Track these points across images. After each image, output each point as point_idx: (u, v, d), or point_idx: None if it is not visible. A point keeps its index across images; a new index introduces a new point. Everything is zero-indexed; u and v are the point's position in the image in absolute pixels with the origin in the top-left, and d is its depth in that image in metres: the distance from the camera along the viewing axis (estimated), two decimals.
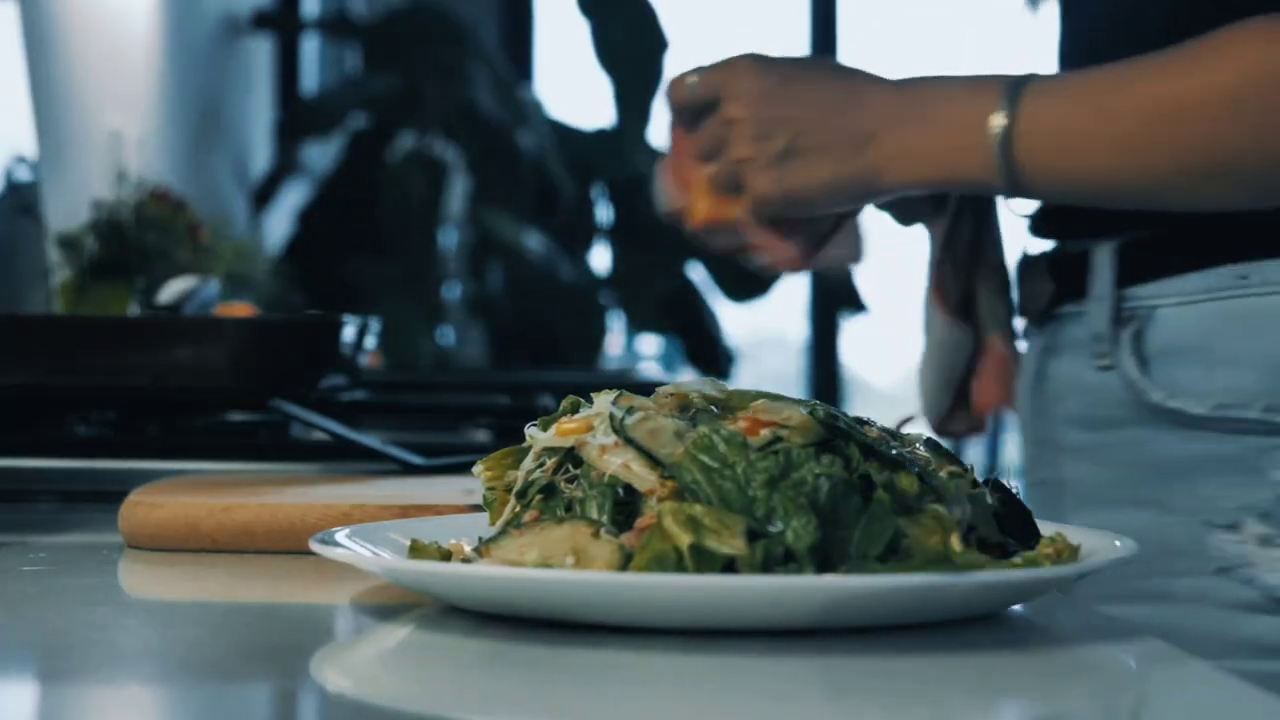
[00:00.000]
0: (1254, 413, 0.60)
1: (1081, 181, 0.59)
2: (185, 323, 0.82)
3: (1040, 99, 0.59)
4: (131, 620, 0.44)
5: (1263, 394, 0.60)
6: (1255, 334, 0.60)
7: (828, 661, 0.37)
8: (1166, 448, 0.62)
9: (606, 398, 0.44)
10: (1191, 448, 0.62)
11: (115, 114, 1.62)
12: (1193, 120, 0.57)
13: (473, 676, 0.37)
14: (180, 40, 1.98)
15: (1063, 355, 0.67)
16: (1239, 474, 0.61)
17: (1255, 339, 0.60)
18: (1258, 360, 0.60)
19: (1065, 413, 0.67)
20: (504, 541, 0.42)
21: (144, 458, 0.71)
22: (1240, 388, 0.60)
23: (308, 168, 2.50)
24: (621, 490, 0.41)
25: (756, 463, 0.40)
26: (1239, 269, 0.61)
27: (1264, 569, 0.60)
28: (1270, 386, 0.60)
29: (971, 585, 0.38)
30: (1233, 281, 0.61)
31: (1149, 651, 0.39)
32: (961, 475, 0.42)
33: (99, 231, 1.23)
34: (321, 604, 0.47)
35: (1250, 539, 0.60)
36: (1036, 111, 0.59)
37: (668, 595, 0.38)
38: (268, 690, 0.36)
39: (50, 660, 0.39)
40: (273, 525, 0.53)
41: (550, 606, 0.39)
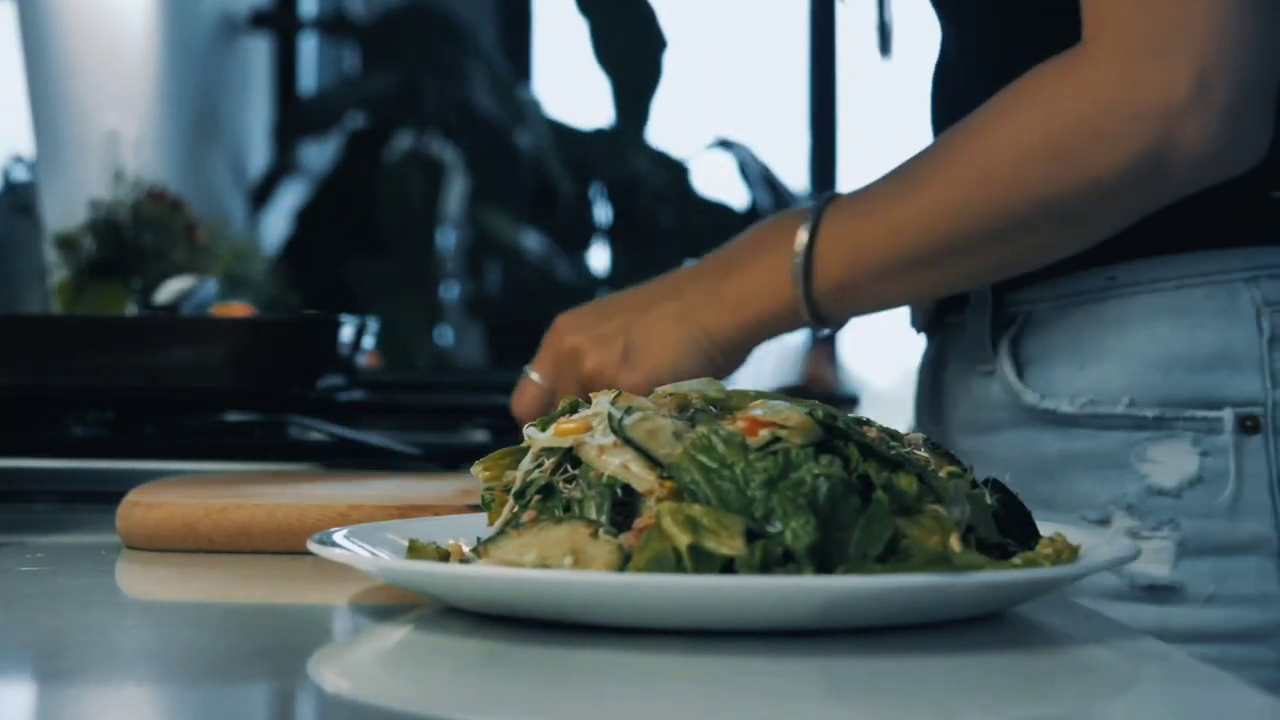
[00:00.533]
0: (1120, 408, 0.62)
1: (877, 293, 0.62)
2: (182, 323, 0.82)
3: (838, 217, 0.62)
4: (129, 621, 0.44)
5: (1127, 389, 0.62)
6: (1121, 332, 0.62)
7: (827, 662, 0.37)
8: (1046, 447, 0.64)
9: (605, 398, 0.44)
10: (1067, 445, 0.63)
11: (113, 114, 1.62)
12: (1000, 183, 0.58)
13: (471, 677, 0.37)
14: (178, 40, 1.98)
15: (951, 364, 0.69)
16: (1109, 469, 0.62)
17: (1120, 337, 0.62)
18: (1123, 357, 0.62)
19: (956, 419, 0.69)
20: (502, 542, 0.42)
21: (141, 458, 0.71)
22: (1107, 385, 0.62)
23: (305, 167, 2.50)
24: (620, 490, 0.41)
25: (755, 463, 0.39)
26: (1108, 270, 0.62)
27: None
28: (1134, 382, 0.62)
29: (970, 586, 0.38)
30: (1102, 283, 0.63)
31: (1149, 652, 0.39)
32: (961, 475, 0.42)
33: (96, 231, 1.23)
34: (319, 604, 0.47)
35: (1119, 532, 0.62)
36: (833, 231, 0.62)
37: (666, 596, 0.38)
38: (265, 691, 0.36)
39: (47, 661, 0.39)
40: (270, 526, 0.53)
41: (549, 607, 0.39)
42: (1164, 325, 0.61)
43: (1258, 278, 0.61)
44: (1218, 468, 0.61)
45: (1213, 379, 0.61)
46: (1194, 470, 0.61)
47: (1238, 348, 0.61)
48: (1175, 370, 0.61)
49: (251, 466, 0.71)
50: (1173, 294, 0.62)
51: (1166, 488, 0.62)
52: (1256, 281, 0.61)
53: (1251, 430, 0.61)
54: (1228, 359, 0.61)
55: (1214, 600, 0.61)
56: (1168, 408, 0.61)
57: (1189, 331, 0.61)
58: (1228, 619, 0.61)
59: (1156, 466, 0.62)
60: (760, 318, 0.64)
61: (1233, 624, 0.61)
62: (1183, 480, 0.61)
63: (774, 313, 0.63)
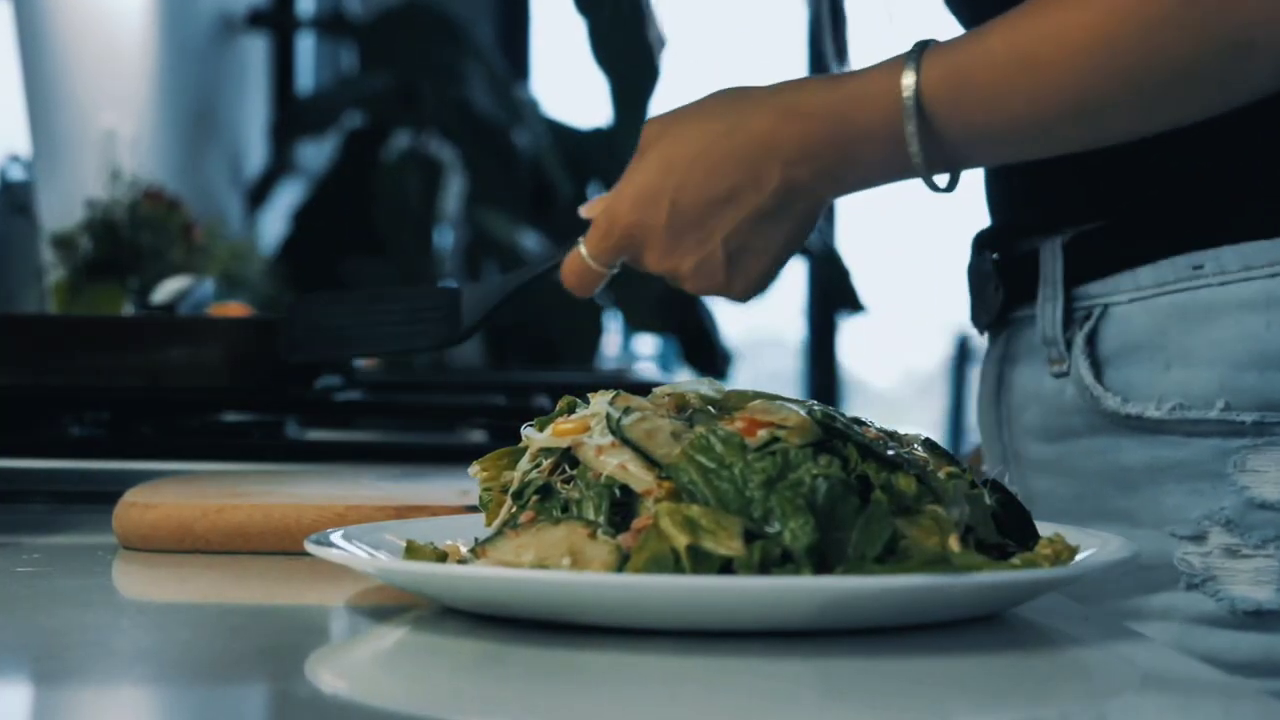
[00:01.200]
0: (1213, 413, 0.56)
1: (985, 127, 0.56)
2: (180, 323, 0.82)
3: (938, 58, 0.56)
4: (125, 621, 0.44)
5: (1220, 392, 0.56)
6: (1210, 328, 0.56)
7: (825, 663, 0.37)
8: (1128, 456, 0.59)
9: (603, 398, 0.44)
10: (1153, 454, 0.58)
11: (110, 113, 1.62)
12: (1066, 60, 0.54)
13: (469, 678, 0.37)
14: (175, 39, 1.98)
15: (1020, 363, 0.63)
16: (1202, 480, 0.57)
17: (1210, 333, 0.56)
18: (1214, 356, 0.56)
19: (1026, 424, 0.63)
20: (500, 542, 0.42)
21: (138, 458, 0.71)
22: (1196, 387, 0.57)
23: (303, 167, 2.50)
24: (618, 491, 0.41)
25: (754, 463, 0.39)
26: (1192, 258, 0.57)
27: (1229, 581, 0.57)
28: (1228, 383, 0.56)
29: (969, 586, 0.38)
30: (1187, 273, 0.57)
31: (1148, 653, 0.39)
32: (960, 476, 0.42)
33: (93, 231, 1.23)
34: (316, 605, 0.46)
35: (1215, 550, 0.57)
36: (936, 70, 0.56)
37: (665, 596, 0.38)
38: (262, 692, 0.36)
39: (43, 662, 0.39)
40: (267, 526, 0.52)
41: (546, 608, 0.39)
42: (1258, 319, 0.55)
43: None
44: None
45: None
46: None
47: None
48: (1273, 369, 0.55)
49: (248, 467, 0.70)
50: (1266, 283, 0.55)
51: (1270, 500, 0.56)
52: None
53: None
54: None
55: None
56: (1268, 411, 0.55)
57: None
58: None
59: (1257, 477, 0.56)
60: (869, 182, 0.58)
61: None
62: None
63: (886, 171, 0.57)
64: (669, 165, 0.60)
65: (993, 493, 0.43)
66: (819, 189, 0.59)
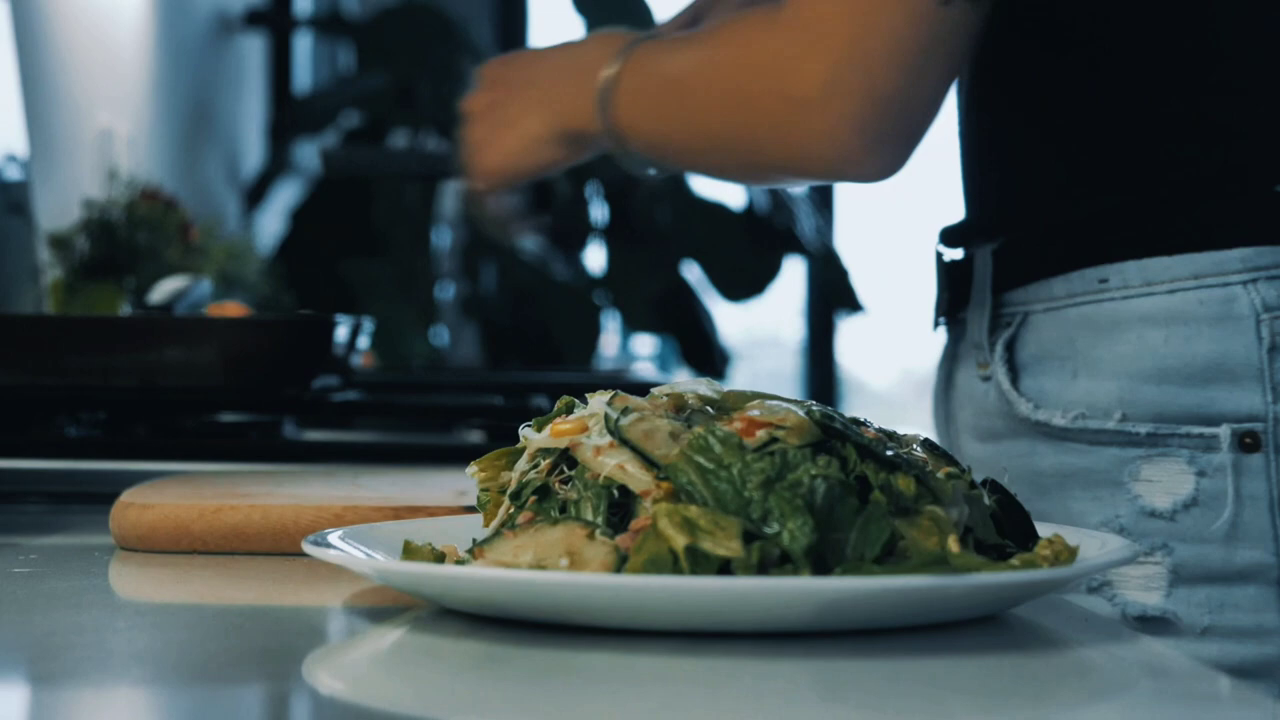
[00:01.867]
0: (1111, 423, 0.58)
1: (649, 141, 0.66)
2: (176, 323, 0.81)
3: (641, 57, 0.65)
4: (121, 623, 0.44)
5: (1119, 403, 0.58)
6: (1113, 341, 0.58)
7: (824, 664, 0.37)
8: (1041, 460, 0.61)
9: (601, 398, 0.44)
10: (1061, 460, 0.60)
11: (106, 112, 1.62)
12: (701, 95, 0.63)
13: (467, 679, 0.37)
14: (172, 38, 1.98)
15: (961, 363, 0.66)
16: (1102, 488, 0.59)
17: (1113, 346, 0.58)
18: (1116, 368, 0.58)
19: (963, 423, 0.66)
20: (498, 543, 0.41)
21: (135, 459, 0.71)
22: (1098, 397, 0.59)
23: (300, 166, 2.49)
24: (616, 492, 0.41)
25: (752, 464, 0.39)
26: (1099, 271, 0.59)
27: (1122, 586, 0.58)
28: (1126, 395, 0.58)
29: (968, 587, 0.38)
30: (1094, 285, 0.59)
31: (1147, 654, 0.39)
32: (959, 476, 0.42)
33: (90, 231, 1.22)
34: (313, 606, 0.46)
35: None
36: (634, 69, 0.65)
37: (663, 597, 0.38)
38: (259, 693, 0.36)
39: (40, 663, 0.39)
40: (264, 527, 0.52)
41: (544, 609, 0.39)
42: (1157, 334, 0.58)
43: (1256, 280, 0.57)
44: (1214, 489, 0.57)
45: (1209, 393, 0.57)
46: (1189, 491, 0.57)
47: (1235, 358, 0.57)
48: (1169, 383, 0.57)
49: (246, 467, 0.70)
50: (1166, 298, 0.58)
51: (1160, 510, 0.58)
52: (1255, 284, 0.57)
53: (1251, 448, 0.57)
54: (1225, 371, 0.57)
55: (1209, 633, 0.57)
56: (1162, 423, 0.58)
57: (1183, 341, 0.57)
58: (1222, 654, 0.57)
59: (1150, 486, 0.58)
60: (571, 125, 0.69)
61: (1228, 659, 0.57)
62: (1177, 502, 0.57)
63: (583, 125, 0.68)
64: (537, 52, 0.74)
65: (992, 493, 0.43)
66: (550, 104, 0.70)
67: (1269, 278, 0.57)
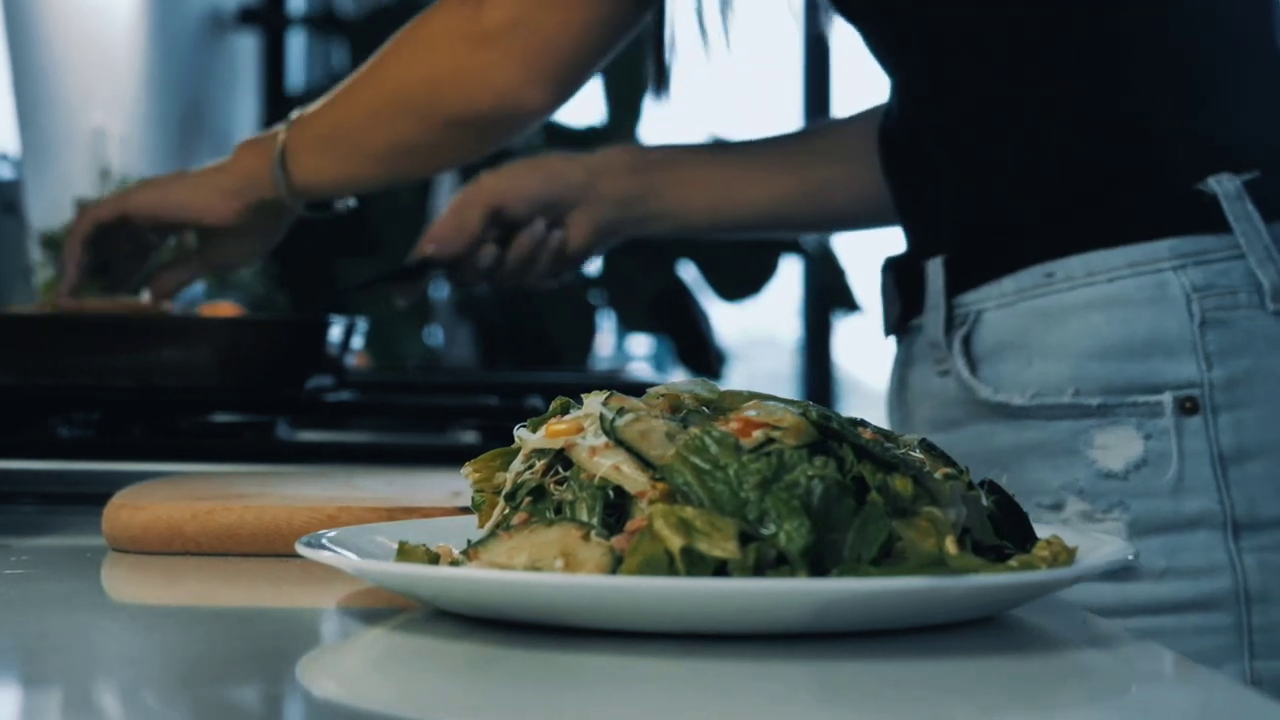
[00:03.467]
0: (1065, 398, 0.66)
1: (335, 182, 0.78)
2: (170, 323, 0.81)
3: (308, 114, 0.78)
4: (114, 624, 0.44)
5: (1071, 381, 0.65)
6: (1061, 327, 0.66)
7: (821, 666, 0.37)
8: (1000, 439, 0.68)
9: (597, 399, 0.43)
10: (1020, 436, 0.67)
11: (98, 111, 1.61)
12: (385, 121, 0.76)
13: (461, 681, 0.37)
14: (164, 36, 1.97)
15: (915, 365, 0.73)
16: (1059, 456, 0.66)
17: (1061, 331, 0.66)
18: (1065, 351, 0.66)
19: (921, 418, 0.72)
20: (492, 544, 0.41)
21: (127, 459, 0.71)
22: (1052, 377, 0.66)
23: None
24: (612, 492, 0.41)
25: (749, 464, 0.39)
26: (1045, 268, 0.66)
27: None
28: (1076, 373, 0.65)
29: (966, 588, 0.38)
30: (1041, 280, 0.66)
31: (1145, 656, 0.39)
32: (957, 477, 0.42)
33: None
34: (307, 608, 0.46)
35: (1072, 516, 0.65)
36: (302, 121, 0.77)
37: (659, 599, 0.37)
38: (253, 695, 0.36)
39: (31, 665, 0.38)
40: (257, 528, 0.52)
41: (539, 610, 0.39)
42: (1100, 317, 0.65)
43: (1185, 266, 0.64)
44: (1161, 449, 0.64)
45: (1150, 365, 0.64)
46: (1139, 453, 0.64)
47: (1171, 334, 0.64)
48: (1114, 359, 0.65)
49: (239, 468, 0.70)
50: (1106, 286, 0.65)
51: (1114, 471, 0.65)
52: (1184, 269, 0.64)
53: (1190, 411, 0.64)
54: (1162, 345, 0.64)
55: (1167, 574, 0.64)
56: (1110, 395, 0.65)
57: (1124, 322, 0.65)
58: (1180, 590, 0.64)
59: (1104, 452, 0.65)
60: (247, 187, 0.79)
61: (1185, 595, 0.64)
62: (1129, 463, 0.65)
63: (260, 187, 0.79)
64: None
65: (990, 494, 0.43)
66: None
67: (1195, 263, 0.65)
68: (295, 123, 0.78)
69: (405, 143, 0.76)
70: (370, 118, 0.76)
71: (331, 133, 0.77)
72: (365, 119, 0.76)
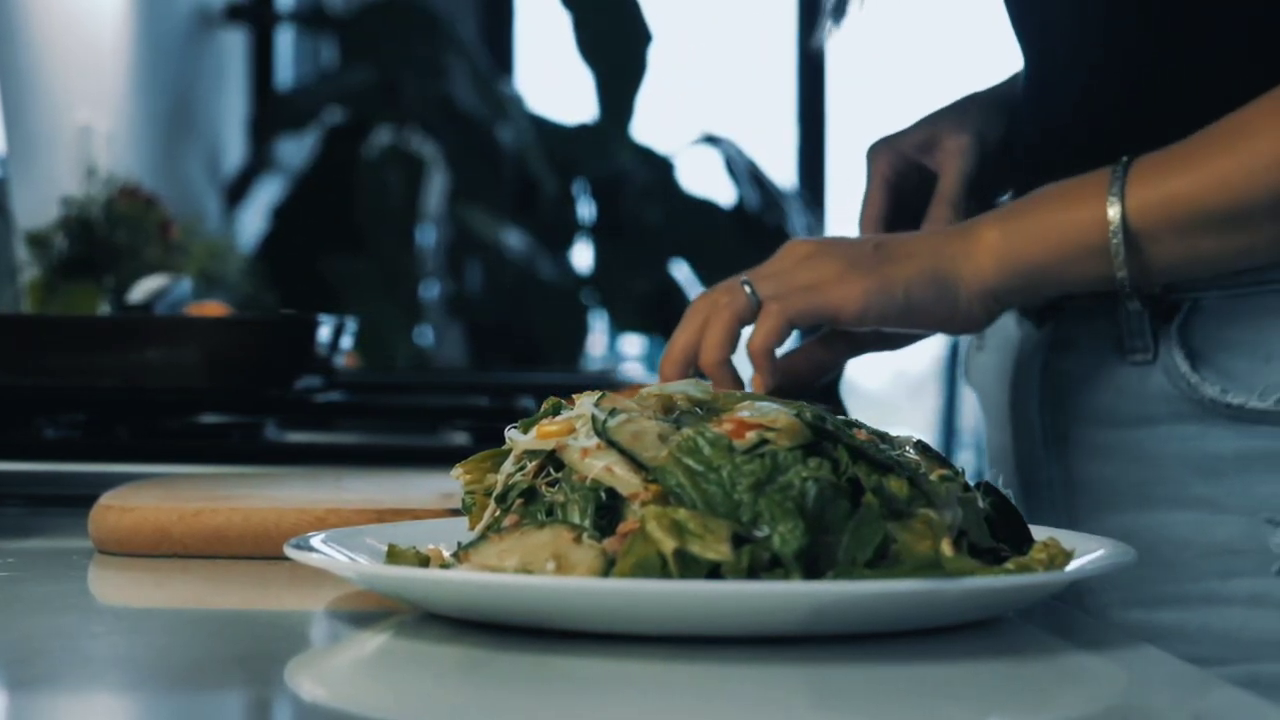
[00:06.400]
0: None
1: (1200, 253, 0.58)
2: (157, 323, 0.81)
3: (1143, 178, 0.58)
4: (100, 627, 0.43)
5: None
6: None
7: (815, 669, 0.37)
8: (1218, 444, 0.60)
9: (589, 399, 0.43)
10: (1246, 443, 0.59)
11: (85, 109, 1.60)
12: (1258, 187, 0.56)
13: (451, 685, 0.36)
14: (151, 33, 1.96)
15: (1078, 350, 0.64)
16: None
17: None
18: None
19: (1083, 409, 0.64)
20: (483, 547, 0.41)
21: (114, 460, 0.70)
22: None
23: (282, 163, 2.48)
24: (604, 494, 0.40)
25: (742, 466, 0.39)
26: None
27: None
28: None
29: (962, 591, 0.38)
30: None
31: (1143, 659, 0.39)
32: (953, 479, 0.42)
33: (68, 229, 1.21)
34: (296, 610, 0.46)
35: None
36: (1144, 191, 0.58)
37: (651, 601, 0.37)
38: (241, 699, 0.36)
39: (17, 668, 0.38)
40: (246, 530, 0.52)
41: (531, 613, 0.39)
42: None
43: None
44: None
45: None
46: None
47: None
48: None
49: (227, 469, 0.70)
50: None
51: None
52: None
53: None
54: None
55: None
56: None
57: None
58: None
59: None
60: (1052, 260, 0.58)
61: None
62: None
63: (1064, 259, 0.58)
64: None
65: (986, 496, 0.43)
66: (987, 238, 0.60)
67: None
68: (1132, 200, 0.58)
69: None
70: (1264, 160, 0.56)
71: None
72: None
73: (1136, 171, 0.58)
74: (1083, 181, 0.59)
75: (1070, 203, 0.59)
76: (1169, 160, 0.58)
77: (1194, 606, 0.61)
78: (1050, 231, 0.59)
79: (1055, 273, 0.59)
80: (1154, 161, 0.58)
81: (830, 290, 0.60)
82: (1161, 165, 0.58)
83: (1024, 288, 0.60)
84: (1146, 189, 0.57)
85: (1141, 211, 0.57)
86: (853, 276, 0.59)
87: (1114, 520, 0.63)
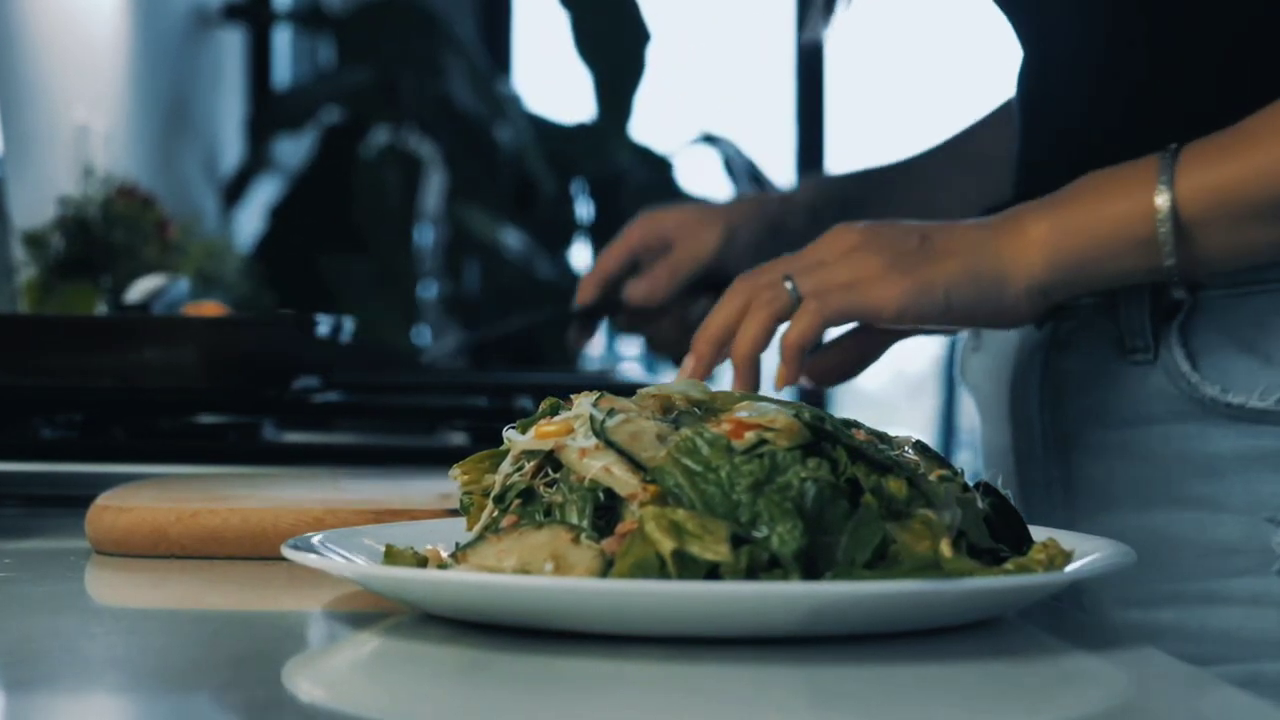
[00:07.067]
0: None
1: (1251, 242, 0.56)
2: (154, 322, 0.80)
3: (1193, 166, 0.56)
4: (97, 628, 0.43)
5: None
6: None
7: (814, 670, 0.37)
8: (1218, 444, 0.59)
9: (587, 399, 0.43)
10: (1247, 443, 0.59)
11: (82, 108, 1.60)
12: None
13: (449, 686, 0.36)
14: (149, 32, 1.96)
15: (1078, 350, 0.64)
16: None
17: None
18: None
19: (1083, 409, 0.63)
20: (481, 547, 0.41)
21: (111, 461, 0.70)
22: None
23: (279, 163, 2.48)
24: (602, 495, 0.40)
25: (741, 466, 0.39)
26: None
27: None
28: None
29: (961, 592, 0.38)
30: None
31: (1143, 659, 0.39)
32: (952, 479, 0.42)
33: (65, 229, 1.21)
34: (293, 611, 0.46)
35: None
36: (1195, 178, 0.56)
37: (649, 602, 0.37)
38: (238, 700, 0.35)
39: (14, 669, 0.38)
40: (243, 530, 0.52)
41: (529, 614, 0.38)
42: None
43: None
44: None
45: None
46: None
47: None
48: None
49: (224, 469, 0.69)
50: None
51: None
52: None
53: None
54: None
55: None
56: None
57: None
58: None
59: None
60: (1100, 253, 0.57)
61: None
62: None
63: (1114, 251, 0.56)
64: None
65: (985, 496, 0.43)
66: (1036, 233, 0.58)
67: None
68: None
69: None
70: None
71: None
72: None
73: (1186, 159, 0.56)
74: (1130, 169, 0.57)
75: (1119, 193, 0.57)
76: (1219, 147, 0.56)
77: (1193, 606, 0.61)
78: (1101, 224, 0.57)
79: (1105, 265, 0.57)
80: (1203, 149, 0.56)
81: (869, 290, 0.58)
82: (1212, 153, 0.56)
83: (1074, 281, 0.58)
84: (1197, 176, 0.55)
85: (1192, 199, 0.55)
86: (893, 276, 0.58)
87: (1113, 520, 0.63)
